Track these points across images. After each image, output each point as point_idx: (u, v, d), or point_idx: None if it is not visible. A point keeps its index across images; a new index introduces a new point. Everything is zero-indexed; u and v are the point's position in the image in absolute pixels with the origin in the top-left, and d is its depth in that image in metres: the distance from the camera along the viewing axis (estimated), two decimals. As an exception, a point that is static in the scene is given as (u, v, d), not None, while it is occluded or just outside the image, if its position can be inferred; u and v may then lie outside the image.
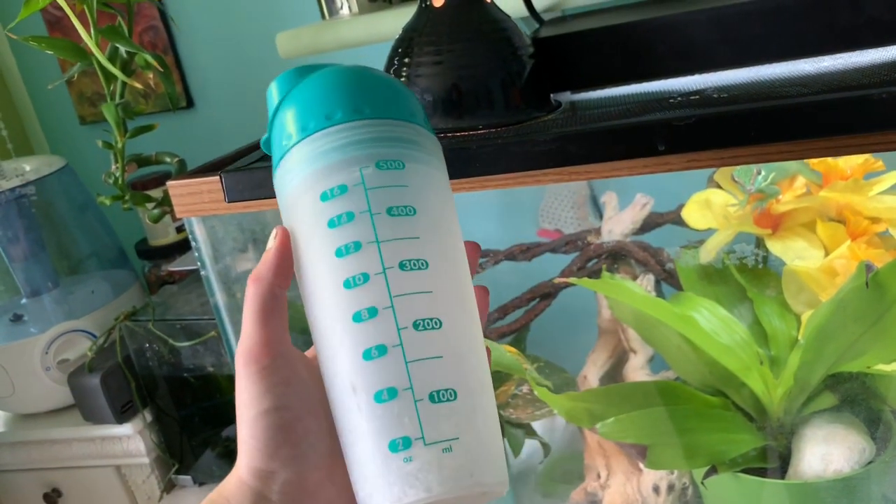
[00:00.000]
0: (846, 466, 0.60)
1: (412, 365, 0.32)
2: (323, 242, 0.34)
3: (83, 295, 1.16)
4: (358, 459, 0.32)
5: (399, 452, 0.31)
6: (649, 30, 0.58)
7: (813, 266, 0.65)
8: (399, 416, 0.31)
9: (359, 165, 0.34)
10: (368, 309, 0.32)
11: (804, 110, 0.46)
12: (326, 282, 0.34)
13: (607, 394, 0.70)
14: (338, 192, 0.34)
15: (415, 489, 0.31)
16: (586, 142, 0.48)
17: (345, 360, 0.32)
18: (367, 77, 0.38)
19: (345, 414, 0.33)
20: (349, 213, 0.33)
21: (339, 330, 0.33)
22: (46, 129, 1.40)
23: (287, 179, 0.36)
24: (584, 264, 0.80)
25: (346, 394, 0.32)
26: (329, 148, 0.35)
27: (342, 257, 0.33)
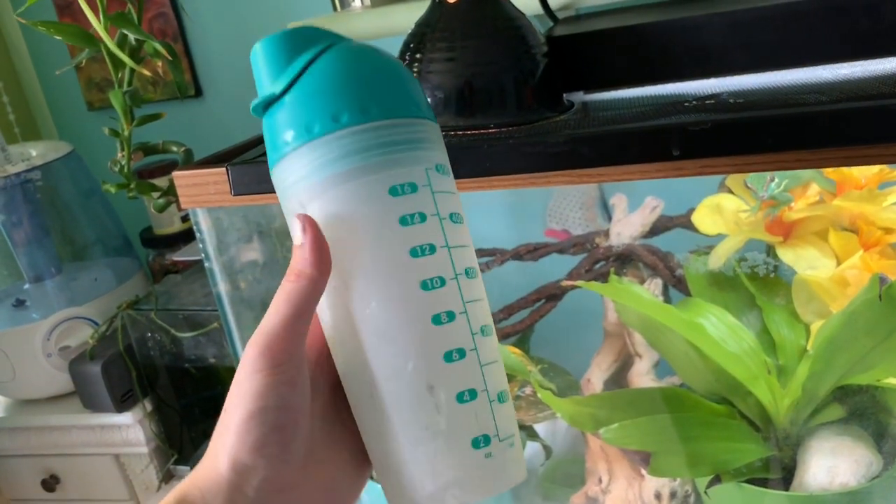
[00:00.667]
0: (852, 480, 0.59)
1: (485, 368, 0.34)
2: (395, 239, 0.33)
3: (86, 282, 1.15)
4: (430, 455, 0.33)
5: (481, 449, 0.33)
6: (665, 31, 0.57)
7: (824, 276, 0.64)
8: (478, 415, 0.34)
9: (424, 166, 0.34)
10: (447, 312, 0.33)
11: (822, 119, 0.45)
12: (400, 281, 0.33)
13: (612, 399, 0.70)
14: (408, 190, 0.34)
15: (494, 481, 0.34)
16: (599, 144, 0.47)
17: (423, 361, 0.33)
18: (404, 70, 0.36)
19: (414, 412, 0.33)
20: (422, 214, 0.34)
21: (417, 331, 0.33)
22: (54, 114, 1.39)
23: (324, 164, 0.33)
24: (592, 266, 0.79)
25: (420, 393, 0.33)
26: (391, 140, 0.34)
27: (418, 258, 0.33)
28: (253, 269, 0.74)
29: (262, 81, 0.35)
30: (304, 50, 0.34)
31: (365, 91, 0.34)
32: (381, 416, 0.34)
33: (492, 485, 0.34)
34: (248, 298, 0.73)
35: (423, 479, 0.33)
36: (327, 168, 0.33)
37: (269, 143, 0.35)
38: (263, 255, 0.76)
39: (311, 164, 0.33)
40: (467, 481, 0.33)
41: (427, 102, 0.36)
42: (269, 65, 0.35)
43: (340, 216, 0.33)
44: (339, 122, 0.33)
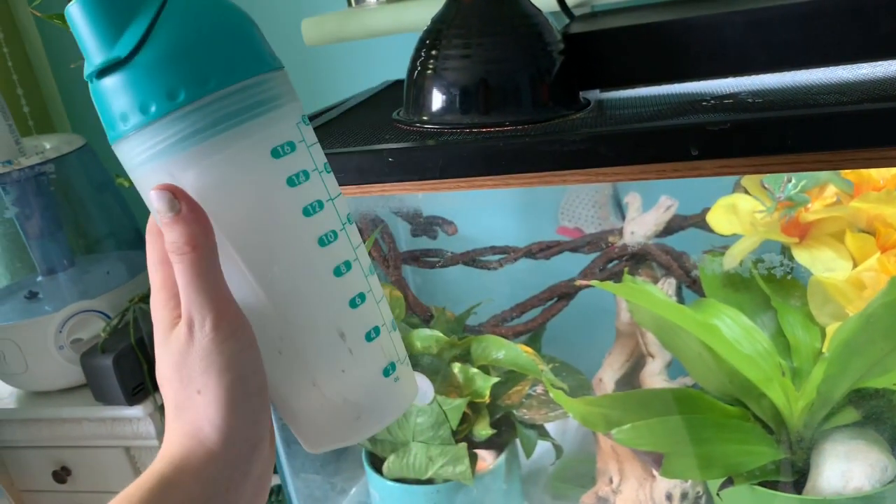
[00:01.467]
0: (867, 484, 0.59)
1: (380, 304, 0.36)
2: (286, 201, 0.33)
3: (98, 275, 1.15)
4: (350, 390, 0.35)
5: (390, 376, 0.36)
6: (683, 29, 0.57)
7: (840, 277, 0.63)
8: (384, 347, 0.36)
9: (294, 121, 0.34)
10: (345, 263, 0.35)
11: (842, 120, 0.44)
12: (298, 240, 0.33)
13: (624, 399, 0.69)
14: (289, 150, 0.33)
15: (404, 400, 0.37)
16: (616, 143, 0.47)
17: (330, 311, 0.34)
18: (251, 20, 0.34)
19: (330, 358, 0.35)
20: (305, 172, 0.34)
21: (320, 284, 0.34)
22: (68, 107, 1.40)
23: (195, 132, 0.31)
24: (605, 265, 0.78)
25: (333, 341, 0.34)
26: (260, 99, 0.32)
27: (311, 216, 0.34)
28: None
29: (91, 42, 0.32)
30: (138, 4, 0.31)
31: (226, 50, 0.32)
32: (293, 369, 0.35)
33: (402, 403, 0.37)
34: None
35: (344, 416, 0.35)
36: (199, 136, 0.31)
37: (115, 110, 0.32)
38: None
39: (179, 134, 0.31)
40: (383, 406, 0.36)
41: (272, 50, 0.35)
42: (97, 22, 0.31)
43: (223, 184, 0.32)
44: (207, 87, 0.31)
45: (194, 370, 0.33)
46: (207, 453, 0.33)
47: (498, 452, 0.79)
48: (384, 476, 0.76)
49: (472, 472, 0.72)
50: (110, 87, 0.32)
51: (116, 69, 0.31)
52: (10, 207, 1.08)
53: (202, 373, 0.32)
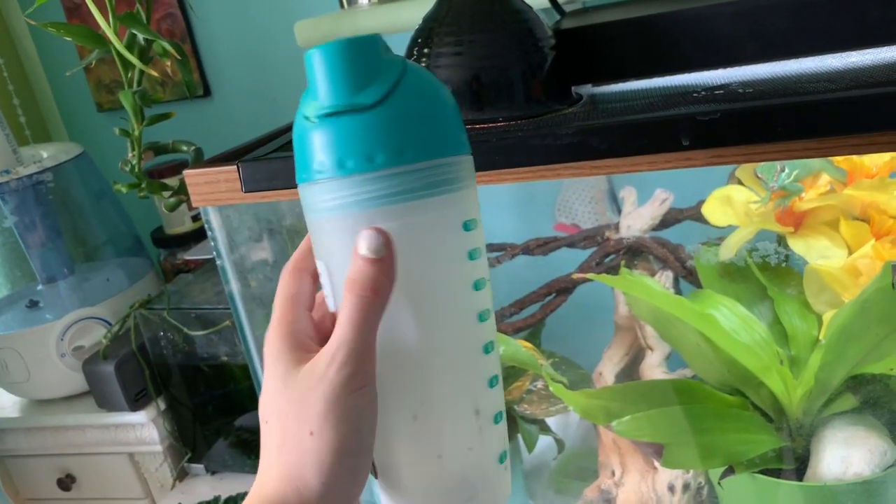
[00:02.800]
0: (866, 469, 0.59)
1: (502, 392, 0.37)
2: (464, 272, 0.34)
3: (99, 282, 1.16)
4: (471, 470, 0.36)
5: (503, 463, 0.37)
6: (673, 22, 0.57)
7: (835, 265, 0.63)
8: (503, 434, 0.37)
9: (476, 202, 0.36)
10: (492, 343, 0.36)
11: (831, 107, 0.45)
12: (465, 311, 0.35)
13: (624, 391, 0.70)
14: (473, 226, 0.35)
15: (508, 489, 0.38)
16: (608, 136, 0.47)
17: (473, 387, 0.35)
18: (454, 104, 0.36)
19: (462, 433, 0.35)
20: (480, 250, 0.35)
21: (472, 359, 0.35)
22: (64, 116, 1.40)
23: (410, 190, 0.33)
24: (602, 260, 0.79)
25: (468, 415, 0.35)
26: (463, 175, 0.35)
27: (479, 291, 0.35)
28: (264, 267, 0.75)
29: (337, 84, 0.33)
30: (381, 66, 0.33)
31: (445, 124, 0.35)
32: (424, 438, 0.35)
33: (506, 492, 0.38)
34: (259, 296, 0.73)
35: (458, 495, 0.36)
36: (405, 196, 0.33)
37: (334, 150, 0.33)
38: (274, 252, 0.76)
39: (394, 188, 0.33)
40: (493, 493, 0.37)
41: None
42: (345, 70, 0.33)
43: (415, 243, 0.34)
44: (425, 154, 0.33)
45: (314, 411, 0.32)
46: (303, 500, 0.32)
47: (500, 448, 0.79)
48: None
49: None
50: (338, 129, 0.33)
51: (353, 114, 0.33)
52: (9, 217, 1.09)
53: (321, 415, 0.32)
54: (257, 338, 0.73)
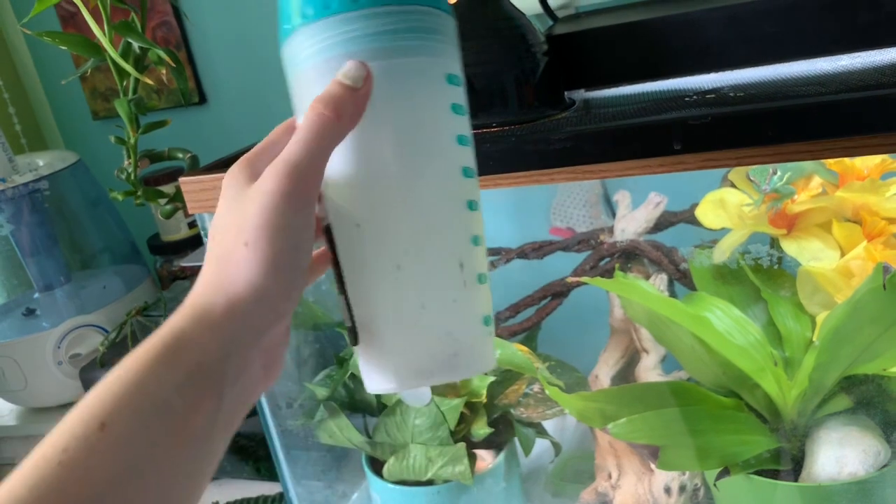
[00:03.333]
0: (861, 469, 0.60)
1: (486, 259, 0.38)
2: (448, 123, 0.35)
3: (95, 290, 1.16)
4: (454, 323, 0.35)
5: (488, 326, 0.37)
6: (665, 27, 0.58)
7: (828, 267, 0.64)
8: (488, 297, 0.37)
9: (459, 62, 0.36)
10: (474, 202, 0.36)
11: (821, 110, 0.45)
12: (449, 163, 0.35)
13: (619, 394, 0.70)
14: (458, 82, 0.35)
15: (489, 358, 0.37)
16: (600, 140, 0.48)
17: (457, 239, 0.35)
18: None
19: (447, 284, 0.35)
20: (463, 107, 0.36)
21: (455, 211, 0.35)
22: (60, 124, 1.40)
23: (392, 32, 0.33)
24: (597, 263, 0.79)
25: (452, 267, 0.35)
26: (445, 29, 0.35)
27: (462, 146, 0.35)
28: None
29: None
30: None
31: None
32: (408, 287, 0.35)
33: (490, 359, 0.37)
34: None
35: (442, 348, 0.35)
36: (389, 37, 0.33)
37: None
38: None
39: (376, 28, 0.33)
40: (477, 353, 0.36)
41: None
42: None
43: (399, 86, 0.34)
44: None
45: (252, 222, 0.32)
46: (231, 308, 0.31)
47: (497, 452, 0.79)
48: (385, 479, 0.77)
49: (471, 472, 0.72)
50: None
51: None
52: (6, 225, 1.09)
53: (257, 227, 0.31)
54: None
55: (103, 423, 0.29)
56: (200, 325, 0.31)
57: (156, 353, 0.30)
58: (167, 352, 0.30)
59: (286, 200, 0.32)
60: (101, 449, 0.28)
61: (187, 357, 0.30)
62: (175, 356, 0.30)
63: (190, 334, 0.31)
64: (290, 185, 0.32)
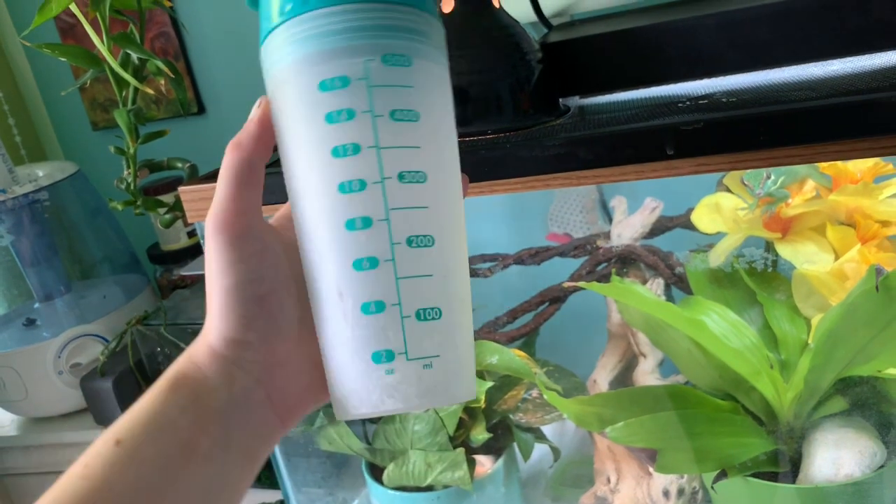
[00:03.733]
0: (857, 471, 0.60)
1: (402, 281, 0.32)
2: (319, 136, 0.32)
3: (95, 299, 1.16)
4: (338, 363, 0.33)
5: (381, 364, 0.32)
6: (658, 34, 0.58)
7: (823, 270, 0.64)
8: (384, 329, 0.32)
9: (363, 56, 0.32)
10: (363, 218, 0.32)
11: (813, 114, 0.46)
12: (319, 179, 0.32)
13: (617, 398, 0.70)
14: (338, 84, 0.32)
15: (393, 399, 0.32)
16: (594, 146, 0.48)
17: (333, 266, 0.32)
18: None
19: (328, 317, 0.33)
20: (349, 111, 0.31)
21: (330, 234, 0.32)
22: (59, 134, 1.41)
23: (279, 54, 0.33)
24: (594, 268, 0.80)
25: (332, 298, 0.32)
26: (330, 29, 0.32)
27: (338, 158, 0.32)
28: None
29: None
30: None
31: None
32: (315, 313, 0.34)
33: (394, 403, 0.32)
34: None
35: (336, 383, 0.33)
36: (287, 55, 0.32)
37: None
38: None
39: (269, 51, 0.33)
40: (366, 395, 0.32)
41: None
42: None
43: (283, 108, 0.33)
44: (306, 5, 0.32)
45: (206, 268, 0.34)
46: (209, 348, 0.34)
47: (496, 457, 0.80)
48: (385, 485, 0.77)
49: (470, 477, 0.73)
50: None
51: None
52: (6, 236, 1.09)
53: (206, 271, 0.34)
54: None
55: (118, 440, 0.32)
56: (192, 363, 0.34)
57: (161, 385, 0.34)
58: (170, 383, 0.34)
59: (223, 234, 0.33)
60: (117, 463, 0.31)
61: (186, 386, 0.34)
62: (177, 385, 0.34)
63: (187, 369, 0.34)
64: (212, 225, 0.33)
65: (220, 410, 0.33)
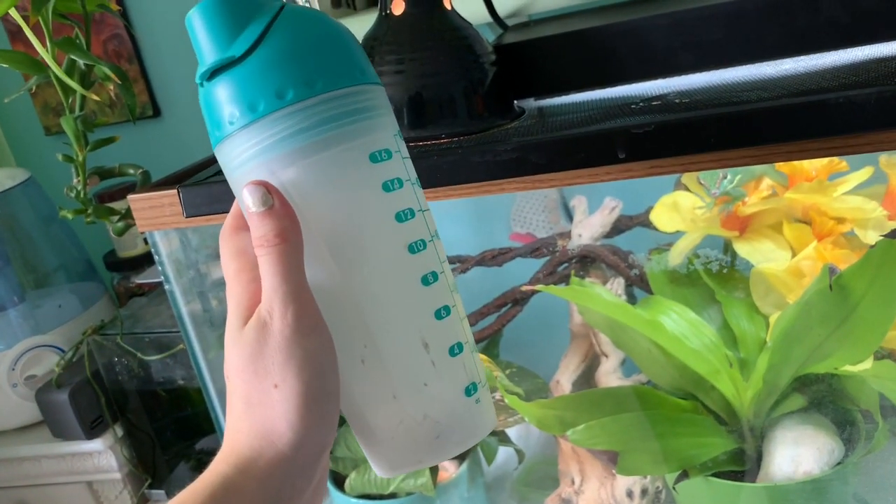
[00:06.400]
0: (816, 468, 0.60)
1: (463, 322, 0.36)
2: (381, 205, 0.34)
3: (50, 309, 1.14)
4: (431, 406, 0.35)
5: (472, 396, 0.36)
6: (612, 35, 0.58)
7: (780, 267, 0.65)
8: (466, 365, 0.36)
9: (391, 132, 0.35)
10: (432, 273, 0.35)
11: (764, 115, 0.46)
12: (389, 245, 0.34)
13: (577, 400, 0.70)
14: (385, 157, 0.34)
15: (484, 423, 0.36)
16: (546, 151, 0.48)
17: (415, 319, 0.34)
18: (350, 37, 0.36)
19: (413, 369, 0.34)
20: (399, 180, 0.34)
21: (408, 291, 0.34)
22: (11, 140, 1.38)
23: (299, 132, 0.33)
24: (555, 269, 0.79)
25: (417, 351, 0.34)
26: (363, 107, 0.34)
27: (403, 223, 0.34)
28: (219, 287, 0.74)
29: (207, 45, 0.34)
30: (253, 12, 0.33)
31: (335, 56, 0.34)
32: (375, 379, 0.34)
33: (482, 427, 0.36)
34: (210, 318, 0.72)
35: (424, 434, 0.35)
36: (303, 135, 0.33)
37: (224, 110, 0.33)
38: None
39: (283, 132, 0.33)
40: (464, 427, 0.35)
41: (371, 67, 0.37)
42: (214, 28, 0.33)
43: (322, 183, 0.33)
44: (314, 89, 0.33)
45: (272, 363, 0.32)
46: (278, 455, 0.32)
47: (460, 461, 0.79)
48: (347, 494, 0.76)
49: (433, 483, 0.72)
50: (221, 88, 0.33)
51: (229, 69, 0.33)
52: (-45, 245, 1.07)
53: (281, 366, 0.32)
54: (209, 361, 0.72)
55: None
56: (246, 476, 0.31)
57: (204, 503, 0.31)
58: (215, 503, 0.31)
59: (298, 332, 0.32)
60: None
61: None
62: None
63: (239, 485, 0.31)
64: (293, 316, 0.32)
65: None
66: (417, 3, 0.56)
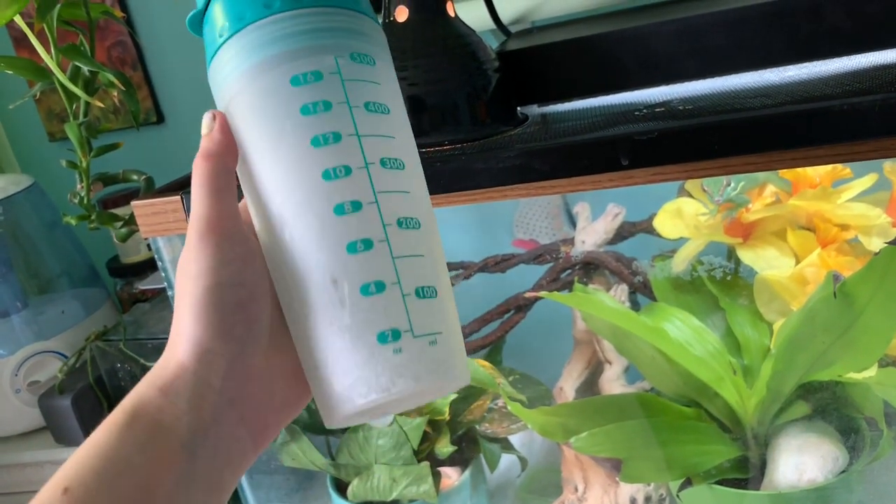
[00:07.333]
0: (820, 476, 0.60)
1: (398, 260, 0.32)
2: (296, 129, 0.32)
3: (53, 315, 1.14)
4: (335, 355, 0.32)
5: (388, 344, 0.31)
6: (616, 42, 0.58)
7: (784, 274, 0.64)
8: (387, 308, 0.32)
9: (333, 54, 0.33)
10: (352, 202, 0.32)
11: (767, 122, 0.46)
12: (301, 170, 0.32)
13: (581, 407, 0.70)
14: (311, 79, 0.33)
15: (403, 379, 0.31)
16: (549, 157, 0.48)
17: (325, 253, 0.32)
18: None
19: (320, 308, 0.32)
20: (326, 102, 0.33)
21: (318, 221, 0.32)
22: (15, 146, 1.38)
23: (237, 61, 0.33)
24: (558, 276, 0.79)
25: (325, 287, 0.32)
26: (297, 31, 0.33)
27: (320, 147, 0.32)
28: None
29: None
30: None
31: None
32: (297, 314, 0.33)
33: (405, 383, 0.31)
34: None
35: (335, 378, 0.32)
36: (244, 61, 0.33)
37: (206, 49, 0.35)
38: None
39: (232, 59, 0.34)
40: (374, 378, 0.31)
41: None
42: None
43: (251, 111, 0.33)
44: (271, 8, 0.33)
45: (178, 282, 0.33)
46: (178, 365, 0.32)
47: (463, 468, 0.79)
48: (350, 501, 0.76)
49: (436, 491, 0.72)
50: None
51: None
52: (-41, 251, 1.07)
53: (181, 276, 0.32)
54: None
55: (66, 488, 0.29)
56: (154, 388, 0.31)
57: (117, 419, 0.31)
58: (127, 416, 0.31)
59: (201, 238, 0.32)
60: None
61: (145, 418, 0.31)
62: (134, 419, 0.31)
63: (147, 397, 0.31)
64: (198, 229, 0.33)
65: (184, 442, 0.31)
66: (421, 10, 0.56)
